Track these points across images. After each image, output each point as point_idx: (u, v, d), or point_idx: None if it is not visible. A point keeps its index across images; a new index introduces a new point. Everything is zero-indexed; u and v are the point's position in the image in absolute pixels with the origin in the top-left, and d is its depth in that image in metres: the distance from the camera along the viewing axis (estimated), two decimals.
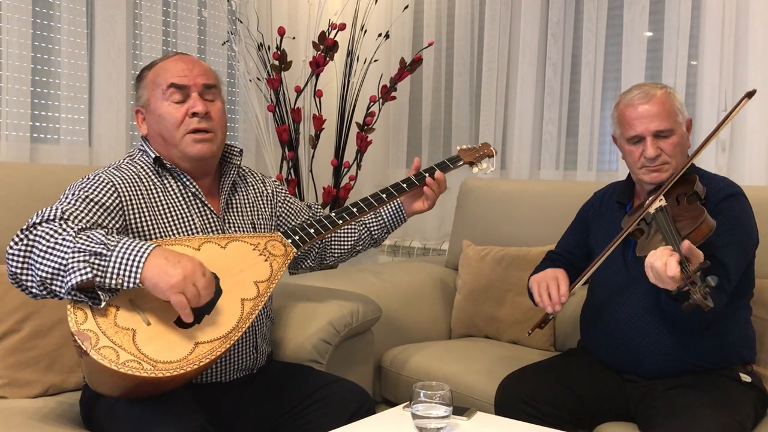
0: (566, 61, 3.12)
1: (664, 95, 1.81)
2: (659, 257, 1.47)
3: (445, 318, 2.67)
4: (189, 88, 1.67)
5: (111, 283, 1.37)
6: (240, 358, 1.72)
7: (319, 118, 3.19)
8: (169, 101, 1.67)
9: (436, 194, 1.96)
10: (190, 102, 1.67)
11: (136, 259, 1.38)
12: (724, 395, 1.67)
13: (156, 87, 1.68)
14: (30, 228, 1.44)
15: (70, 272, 1.36)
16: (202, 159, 1.70)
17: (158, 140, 1.70)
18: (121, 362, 1.35)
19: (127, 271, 1.37)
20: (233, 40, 3.22)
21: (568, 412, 1.73)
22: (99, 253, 1.38)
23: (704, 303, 1.38)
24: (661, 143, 1.79)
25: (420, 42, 3.50)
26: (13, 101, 2.55)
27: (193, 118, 1.66)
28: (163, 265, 1.38)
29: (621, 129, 1.86)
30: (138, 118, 1.74)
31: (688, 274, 1.42)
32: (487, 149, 2.14)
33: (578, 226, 2.09)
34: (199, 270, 1.41)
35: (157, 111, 1.67)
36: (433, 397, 1.41)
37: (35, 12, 2.64)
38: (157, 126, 1.68)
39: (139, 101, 1.73)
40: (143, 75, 1.73)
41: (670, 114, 1.79)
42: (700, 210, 1.62)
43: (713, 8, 2.69)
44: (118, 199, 1.60)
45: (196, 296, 1.39)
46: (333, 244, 2.03)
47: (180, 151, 1.68)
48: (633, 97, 1.82)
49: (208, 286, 1.41)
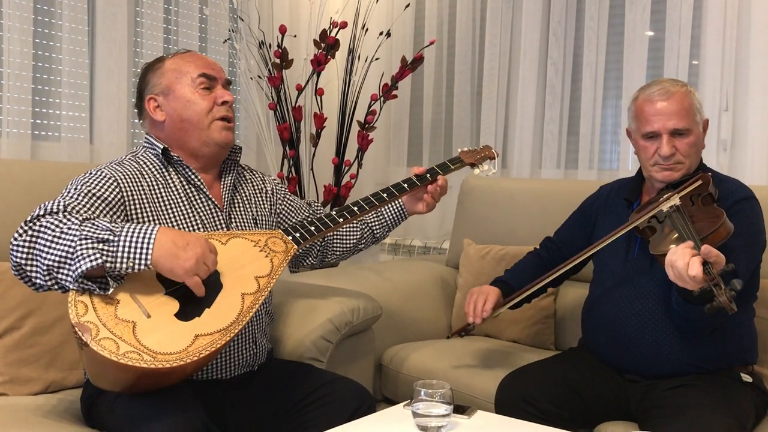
0: (567, 61, 3.12)
1: (684, 93, 1.79)
2: (681, 256, 1.44)
3: (446, 316, 2.67)
4: (217, 80, 1.75)
5: (122, 267, 1.40)
6: (239, 354, 1.72)
7: (320, 116, 3.19)
8: (198, 89, 1.72)
9: (435, 200, 1.99)
10: (217, 92, 1.75)
11: (145, 241, 1.41)
12: (725, 395, 1.66)
13: (182, 75, 1.73)
14: (34, 220, 1.45)
15: (78, 259, 1.37)
16: (226, 146, 1.77)
17: (178, 126, 1.72)
18: (121, 353, 1.35)
19: (137, 254, 1.40)
20: (234, 38, 3.22)
21: (568, 411, 1.73)
22: (106, 239, 1.40)
23: (729, 306, 1.36)
24: (677, 142, 1.78)
25: (421, 40, 3.50)
26: (15, 98, 2.56)
27: (222, 106, 1.74)
28: (173, 249, 1.42)
29: (637, 124, 1.84)
30: (150, 105, 1.74)
31: (711, 275, 1.39)
32: (489, 151, 2.15)
33: (580, 218, 2.07)
34: (207, 247, 1.47)
35: (185, 96, 1.72)
36: (434, 396, 1.41)
37: (36, 9, 2.64)
38: (184, 111, 1.71)
39: (154, 88, 1.74)
40: (158, 65, 1.76)
41: (688, 113, 1.78)
42: (719, 212, 1.60)
43: (714, 8, 2.69)
44: (120, 194, 1.61)
45: (208, 272, 1.47)
46: (336, 242, 2.03)
47: (206, 136, 1.73)
48: (652, 92, 1.81)
49: (215, 260, 1.50)
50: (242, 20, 3.21)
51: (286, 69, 3.15)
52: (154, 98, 1.74)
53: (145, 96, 1.75)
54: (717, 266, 1.42)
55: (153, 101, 1.74)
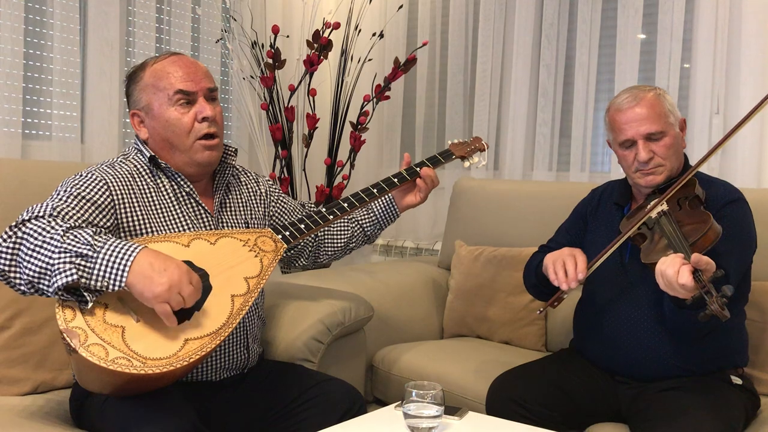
0: (560, 63, 3.12)
1: (654, 97, 1.80)
2: (671, 265, 1.44)
3: (437, 318, 2.67)
4: (196, 94, 1.66)
5: (96, 285, 1.37)
6: (231, 358, 1.71)
7: (313, 116, 3.19)
8: (176, 107, 1.65)
9: (429, 188, 1.96)
10: (197, 106, 1.66)
11: (122, 262, 1.37)
12: (715, 398, 1.67)
13: (159, 91, 1.65)
14: (19, 225, 1.43)
15: (56, 273, 1.35)
16: (209, 165, 1.71)
17: (161, 145, 1.68)
18: (110, 359, 1.34)
19: (113, 275, 1.37)
20: (227, 38, 3.21)
21: (559, 412, 1.73)
22: (84, 254, 1.36)
23: (722, 314, 1.36)
24: (653, 146, 1.78)
25: (414, 42, 3.50)
26: (5, 97, 2.54)
27: (203, 123, 1.66)
28: (148, 271, 1.37)
29: (613, 134, 1.85)
30: (134, 121, 1.71)
31: (702, 283, 1.39)
32: (479, 143, 2.13)
33: (575, 222, 2.07)
34: (186, 277, 1.40)
35: (164, 116, 1.65)
36: (425, 397, 1.41)
37: (27, 8, 2.63)
38: (164, 131, 1.66)
39: (137, 104, 1.69)
40: (138, 76, 1.70)
41: (660, 116, 1.78)
42: (706, 215, 1.60)
43: (706, 11, 2.70)
44: (110, 197, 1.59)
45: (181, 304, 1.40)
46: (326, 242, 2.02)
47: (189, 157, 1.67)
48: (622, 101, 1.82)
49: (193, 293, 1.41)
50: (235, 20, 3.21)
51: (279, 69, 3.15)
52: (137, 113, 1.70)
53: (129, 108, 1.72)
54: (707, 273, 1.42)
55: (136, 117, 1.70)
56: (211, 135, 1.67)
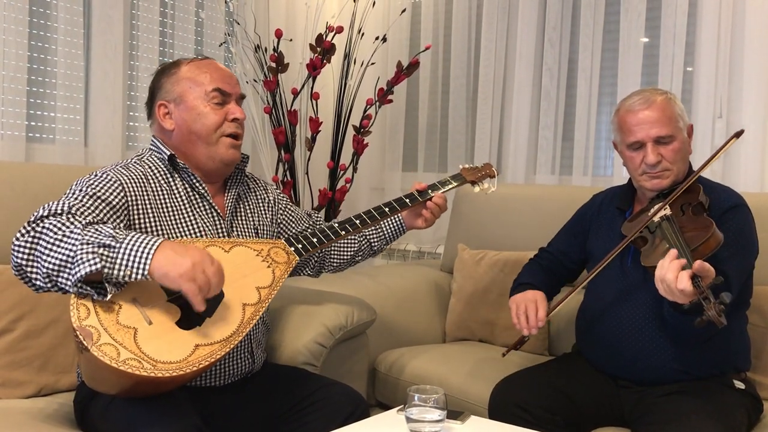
0: (563, 66, 3.12)
1: (665, 101, 1.80)
2: (670, 270, 1.45)
3: (440, 322, 2.67)
4: (231, 96, 1.74)
5: (119, 274, 1.37)
6: (236, 365, 1.72)
7: (316, 120, 3.19)
8: (210, 103, 1.71)
9: (435, 217, 1.98)
10: (229, 107, 1.73)
11: (145, 250, 1.38)
12: (717, 402, 1.67)
13: (197, 85, 1.71)
14: (37, 220, 1.44)
15: (78, 263, 1.35)
16: (230, 163, 1.75)
17: (186, 137, 1.71)
18: (121, 360, 1.35)
19: (136, 263, 1.37)
20: (230, 42, 3.22)
21: (561, 416, 1.73)
22: (108, 245, 1.37)
23: (719, 320, 1.36)
24: (662, 149, 1.79)
25: (417, 45, 3.51)
26: (9, 100, 2.55)
27: (233, 123, 1.73)
28: (171, 256, 1.38)
29: (621, 135, 1.86)
30: (160, 111, 1.73)
31: (700, 289, 1.40)
32: (489, 169, 2.16)
33: (575, 228, 2.08)
34: (207, 258, 1.41)
35: (197, 109, 1.70)
36: (428, 401, 1.41)
37: (32, 11, 2.64)
38: (193, 123, 1.70)
39: (167, 95, 1.72)
40: (171, 70, 1.74)
41: (670, 120, 1.79)
42: (708, 222, 1.60)
43: (709, 15, 2.70)
44: (125, 198, 1.60)
45: (207, 283, 1.39)
46: (333, 254, 2.03)
47: (213, 152, 1.71)
48: (633, 102, 1.82)
49: (217, 272, 1.42)
50: (238, 24, 3.21)
51: (282, 73, 3.15)
52: (165, 105, 1.73)
53: (156, 100, 1.74)
54: (706, 279, 1.42)
55: (163, 107, 1.73)
56: (237, 136, 1.73)
